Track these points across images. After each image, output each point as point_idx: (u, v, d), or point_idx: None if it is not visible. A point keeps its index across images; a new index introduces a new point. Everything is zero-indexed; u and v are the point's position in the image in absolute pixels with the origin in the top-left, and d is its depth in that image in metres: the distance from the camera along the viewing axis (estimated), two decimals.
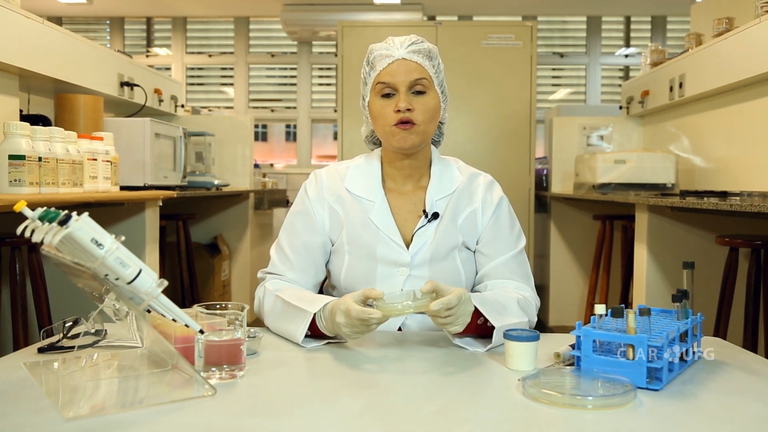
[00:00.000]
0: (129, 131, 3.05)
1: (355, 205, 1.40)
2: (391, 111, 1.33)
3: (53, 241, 0.87)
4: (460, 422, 0.85)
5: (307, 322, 1.20)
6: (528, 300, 1.33)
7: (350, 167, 1.45)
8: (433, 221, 1.38)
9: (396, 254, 1.36)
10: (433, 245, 1.36)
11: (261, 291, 1.38)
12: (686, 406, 0.91)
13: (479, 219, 1.41)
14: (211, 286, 4.26)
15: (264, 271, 1.44)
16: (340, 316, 1.13)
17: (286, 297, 1.29)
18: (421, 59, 1.34)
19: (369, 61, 1.38)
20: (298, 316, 1.22)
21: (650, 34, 6.52)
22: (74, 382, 0.98)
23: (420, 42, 1.36)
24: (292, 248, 1.40)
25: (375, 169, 1.43)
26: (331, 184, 1.43)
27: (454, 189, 1.42)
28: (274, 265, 1.42)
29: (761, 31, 2.73)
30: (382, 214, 1.38)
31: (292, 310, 1.25)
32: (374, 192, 1.40)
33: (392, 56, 1.34)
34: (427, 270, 1.36)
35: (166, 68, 6.66)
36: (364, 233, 1.37)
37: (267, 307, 1.33)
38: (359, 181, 1.42)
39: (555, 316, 4.44)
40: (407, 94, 1.33)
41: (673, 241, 2.97)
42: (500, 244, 1.40)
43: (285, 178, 6.26)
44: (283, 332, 1.26)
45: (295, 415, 0.87)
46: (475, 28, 3.99)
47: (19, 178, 2.07)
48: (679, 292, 1.10)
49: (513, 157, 3.87)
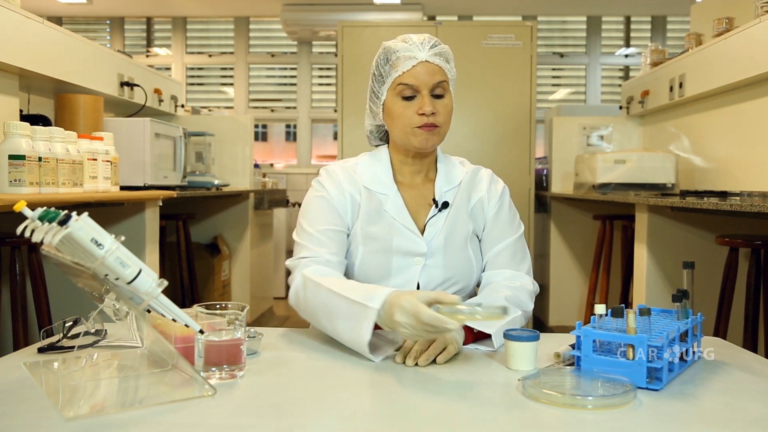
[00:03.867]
0: (129, 131, 3.05)
1: (369, 197, 1.41)
2: (413, 113, 1.35)
3: (53, 241, 0.87)
4: (460, 422, 0.85)
5: (371, 321, 1.11)
6: (519, 290, 1.35)
7: (358, 164, 1.46)
8: (443, 210, 1.41)
9: (412, 244, 1.37)
10: (446, 234, 1.39)
11: (299, 279, 1.28)
12: (686, 406, 0.91)
13: (485, 207, 1.45)
14: (211, 286, 4.26)
15: (294, 259, 1.35)
16: (402, 315, 1.06)
17: (335, 287, 1.19)
18: (441, 62, 1.36)
19: (389, 60, 1.37)
20: (358, 314, 1.13)
21: (650, 34, 6.52)
22: (74, 382, 0.98)
23: (439, 44, 1.38)
24: (320, 231, 1.36)
25: (385, 164, 1.45)
26: (344, 177, 1.43)
27: (460, 181, 1.45)
28: (305, 248, 1.34)
29: (761, 31, 2.73)
30: (397, 206, 1.40)
31: (347, 304, 1.15)
32: (387, 185, 1.42)
33: (416, 58, 1.34)
34: (441, 259, 1.38)
35: (166, 68, 6.66)
36: (380, 225, 1.38)
37: (311, 299, 1.24)
38: (371, 175, 1.43)
39: (555, 316, 4.44)
40: (429, 97, 1.34)
41: (673, 241, 2.97)
42: (502, 230, 1.44)
43: (285, 178, 6.25)
44: (340, 331, 1.17)
45: (295, 415, 0.87)
46: (475, 28, 3.99)
47: (19, 178, 2.07)
48: (679, 292, 1.10)
49: (513, 157, 3.87)
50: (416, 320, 1.04)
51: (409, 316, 1.05)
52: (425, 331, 1.04)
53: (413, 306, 1.05)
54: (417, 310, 1.04)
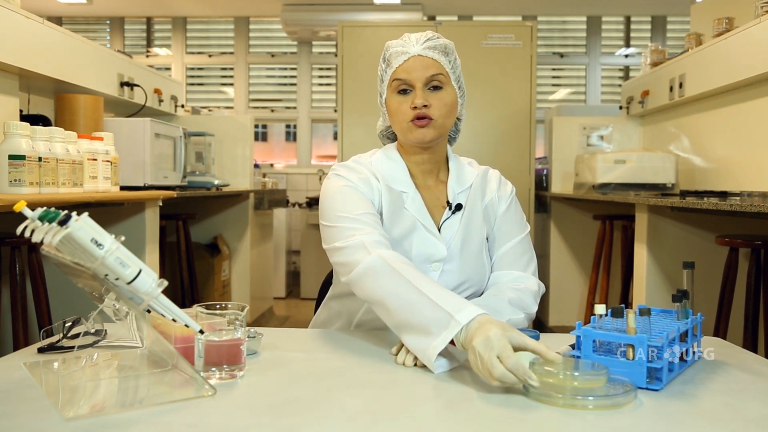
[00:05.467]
0: (129, 131, 3.05)
1: (390, 195, 1.35)
2: (407, 108, 1.33)
3: (53, 241, 0.87)
4: (460, 422, 0.85)
5: (451, 334, 1.01)
6: (523, 291, 1.34)
7: (372, 161, 1.41)
8: (456, 212, 1.39)
9: (432, 247, 1.34)
10: (463, 237, 1.37)
11: (374, 258, 1.15)
12: (686, 406, 0.91)
13: (496, 208, 1.44)
14: (211, 286, 4.26)
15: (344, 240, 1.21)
16: (483, 345, 0.94)
17: (419, 283, 1.09)
18: (437, 55, 1.34)
19: (385, 58, 1.37)
20: (438, 320, 1.03)
21: (650, 34, 6.52)
22: (74, 382, 0.98)
23: (436, 38, 1.36)
24: (360, 215, 1.25)
25: (399, 163, 1.41)
26: (366, 171, 1.36)
27: (471, 183, 1.44)
28: (354, 230, 1.21)
29: (761, 31, 2.73)
30: (417, 205, 1.36)
31: (430, 306, 1.05)
32: (407, 183, 1.38)
33: (408, 53, 1.34)
34: (457, 263, 1.35)
35: (166, 68, 6.65)
36: (400, 224, 1.34)
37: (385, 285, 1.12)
38: (389, 172, 1.39)
39: (555, 316, 4.44)
40: (423, 90, 1.33)
41: (673, 241, 2.97)
42: (510, 231, 1.43)
43: (285, 178, 6.26)
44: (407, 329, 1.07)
45: (295, 415, 0.87)
46: (475, 28, 3.99)
47: (19, 178, 2.07)
48: (679, 292, 1.10)
49: (513, 157, 3.87)
50: (494, 359, 0.92)
51: (489, 351, 0.93)
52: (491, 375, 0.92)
53: (501, 345, 0.93)
54: (503, 354, 0.92)
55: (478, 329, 0.99)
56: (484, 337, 0.96)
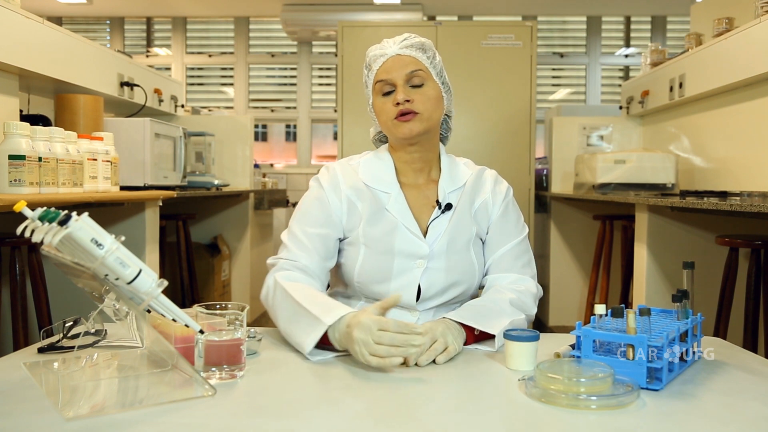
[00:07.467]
0: (129, 131, 3.05)
1: (371, 197, 1.39)
2: (390, 106, 1.35)
3: (53, 241, 0.87)
4: (460, 422, 0.85)
5: (319, 334, 1.13)
6: (524, 293, 1.35)
7: (361, 162, 1.45)
8: (446, 212, 1.39)
9: (414, 246, 1.36)
10: (449, 236, 1.37)
11: (271, 280, 1.30)
12: (686, 406, 0.91)
13: (490, 209, 1.43)
14: (211, 286, 4.26)
15: (275, 258, 1.37)
16: (361, 331, 1.06)
17: (299, 298, 1.21)
18: (414, 52, 1.36)
19: (367, 63, 1.41)
20: (309, 325, 1.15)
21: (650, 34, 6.52)
22: (74, 382, 0.98)
23: (413, 37, 1.39)
24: (306, 234, 1.36)
25: (387, 162, 1.43)
26: (346, 177, 1.41)
27: (464, 182, 1.44)
28: (287, 250, 1.36)
29: (761, 31, 2.73)
30: (399, 205, 1.38)
31: (305, 315, 1.17)
32: (390, 184, 1.40)
33: (386, 54, 1.37)
34: (443, 262, 1.36)
35: (166, 68, 6.66)
36: (381, 225, 1.37)
37: (277, 303, 1.26)
38: (373, 173, 1.42)
39: (555, 316, 4.44)
40: (405, 87, 1.35)
41: (673, 241, 2.97)
42: (507, 233, 1.43)
43: (285, 178, 6.26)
44: (291, 336, 1.19)
45: (295, 415, 0.87)
46: (475, 28, 3.99)
47: (19, 178, 2.07)
48: (679, 292, 1.10)
49: (513, 157, 3.87)
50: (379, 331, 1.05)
51: (369, 331, 1.05)
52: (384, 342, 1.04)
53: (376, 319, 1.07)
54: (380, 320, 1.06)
55: (348, 324, 1.10)
56: (357, 326, 1.07)
